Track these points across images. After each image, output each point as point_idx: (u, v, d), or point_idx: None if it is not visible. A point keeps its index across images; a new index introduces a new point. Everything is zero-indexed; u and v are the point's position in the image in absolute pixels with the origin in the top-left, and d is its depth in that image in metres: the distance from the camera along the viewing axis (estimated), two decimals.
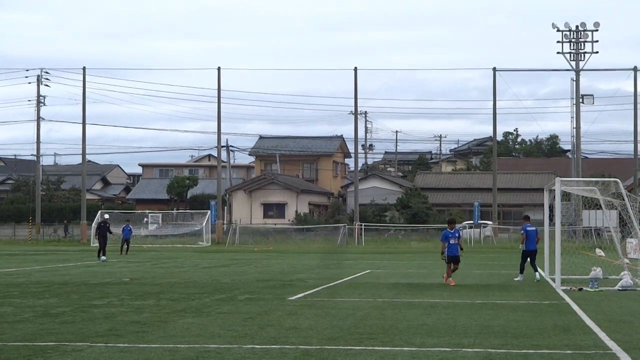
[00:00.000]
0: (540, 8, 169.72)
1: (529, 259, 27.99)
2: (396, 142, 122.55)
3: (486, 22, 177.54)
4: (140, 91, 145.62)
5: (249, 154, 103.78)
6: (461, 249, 26.44)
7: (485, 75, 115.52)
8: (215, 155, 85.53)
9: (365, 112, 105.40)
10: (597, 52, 73.22)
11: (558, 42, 73.41)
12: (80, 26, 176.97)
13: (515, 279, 27.93)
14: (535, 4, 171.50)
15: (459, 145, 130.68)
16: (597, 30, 73.24)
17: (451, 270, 26.21)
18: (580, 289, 24.16)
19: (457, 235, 26.34)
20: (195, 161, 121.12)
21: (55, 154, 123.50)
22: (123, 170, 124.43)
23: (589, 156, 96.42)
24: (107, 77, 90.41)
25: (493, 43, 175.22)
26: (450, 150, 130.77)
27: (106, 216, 49.22)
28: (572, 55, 73.57)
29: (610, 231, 33.89)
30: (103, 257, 41.90)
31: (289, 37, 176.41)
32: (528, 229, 28.01)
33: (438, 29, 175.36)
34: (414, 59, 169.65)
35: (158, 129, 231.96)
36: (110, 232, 45.36)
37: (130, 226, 53.10)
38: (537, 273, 27.99)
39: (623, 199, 26.31)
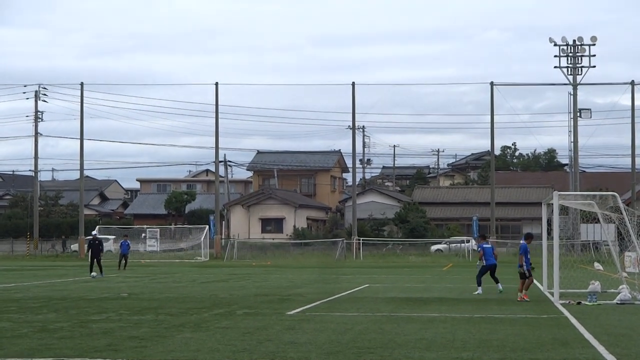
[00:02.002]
0: (535, 23, 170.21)
1: (489, 272, 29.02)
2: (394, 157, 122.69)
3: (482, 38, 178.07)
4: (137, 106, 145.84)
5: (247, 169, 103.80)
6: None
7: (482, 89, 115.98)
8: (213, 170, 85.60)
9: (363, 126, 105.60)
10: (594, 67, 73.42)
11: (555, 56, 73.58)
12: (77, 42, 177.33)
13: (475, 293, 28.59)
14: (531, 19, 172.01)
15: (457, 159, 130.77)
16: (594, 44, 73.44)
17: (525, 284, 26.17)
18: (579, 303, 24.15)
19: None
20: (193, 176, 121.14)
21: (53, 170, 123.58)
22: (121, 185, 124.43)
23: (586, 170, 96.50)
24: (104, 93, 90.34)
25: (489, 58, 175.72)
26: (448, 165, 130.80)
27: (94, 232, 47.30)
28: (569, 69, 73.72)
29: (608, 245, 33.89)
30: (93, 274, 40.68)
31: (286, 53, 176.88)
32: (485, 246, 29.30)
33: (435, 45, 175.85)
34: (411, 74, 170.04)
35: (155, 144, 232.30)
36: (102, 251, 43.07)
37: (128, 241, 53.01)
38: (499, 285, 29.07)
39: (621, 213, 26.32)
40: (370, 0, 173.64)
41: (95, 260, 41.25)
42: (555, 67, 73.70)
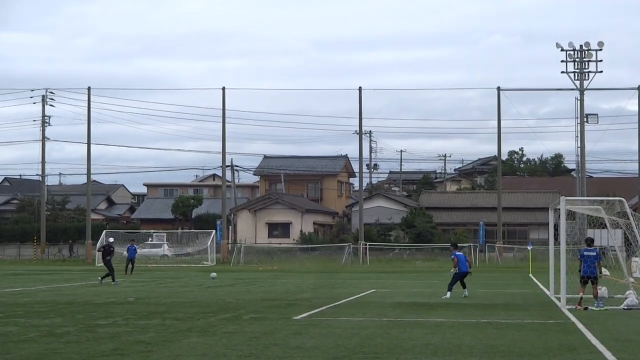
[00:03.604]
0: (540, 28, 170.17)
1: (459, 280, 30.17)
2: (400, 162, 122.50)
3: (487, 42, 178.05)
4: (143, 111, 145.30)
5: (254, 174, 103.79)
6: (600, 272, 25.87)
7: (488, 94, 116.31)
8: (220, 174, 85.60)
9: (370, 131, 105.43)
10: (601, 72, 73.29)
11: (562, 61, 73.51)
12: (82, 46, 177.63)
13: (443, 297, 29.09)
14: (536, 24, 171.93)
15: (464, 164, 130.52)
16: (600, 49, 73.36)
17: (583, 291, 25.35)
18: (586, 308, 24.13)
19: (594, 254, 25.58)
20: (200, 181, 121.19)
21: (60, 174, 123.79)
22: (128, 190, 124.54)
23: (593, 175, 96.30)
24: (111, 97, 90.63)
25: (495, 63, 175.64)
26: (455, 170, 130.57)
27: (111, 239, 46.37)
28: (575, 74, 73.64)
29: (615, 250, 33.88)
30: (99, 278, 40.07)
31: (292, 57, 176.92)
32: (457, 254, 30.65)
33: (440, 50, 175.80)
34: (416, 79, 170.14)
35: (162, 149, 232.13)
36: (110, 254, 42.23)
37: (135, 246, 53.04)
38: (465, 290, 30.03)
39: (628, 218, 26.30)
40: (375, 5, 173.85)
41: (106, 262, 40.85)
42: (562, 72, 73.61)
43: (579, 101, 74.02)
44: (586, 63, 73.52)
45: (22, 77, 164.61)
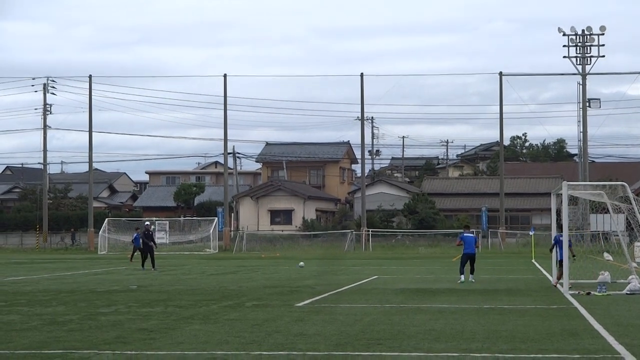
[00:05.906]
0: (539, 14, 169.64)
1: (469, 261, 29.86)
2: (403, 148, 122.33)
3: (487, 29, 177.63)
4: (145, 99, 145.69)
5: (256, 161, 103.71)
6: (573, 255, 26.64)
7: (489, 80, 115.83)
8: (222, 162, 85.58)
9: (372, 117, 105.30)
10: (603, 56, 73.11)
11: (564, 46, 73.33)
12: (83, 35, 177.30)
13: (458, 281, 29.31)
14: (535, 10, 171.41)
15: (466, 150, 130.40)
16: (602, 34, 73.18)
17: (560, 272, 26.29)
18: (588, 293, 24.12)
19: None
20: (202, 168, 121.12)
21: (62, 162, 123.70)
22: (130, 178, 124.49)
23: (596, 160, 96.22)
24: (112, 85, 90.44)
25: (495, 49, 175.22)
26: (457, 156, 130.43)
27: (147, 223, 45.65)
28: (577, 59, 73.47)
29: (618, 235, 33.84)
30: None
31: (294, 45, 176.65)
32: (464, 235, 30.45)
33: (441, 36, 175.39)
34: (418, 66, 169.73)
35: (164, 136, 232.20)
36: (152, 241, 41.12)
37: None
38: (471, 276, 29.94)
39: (630, 203, 26.25)
40: None
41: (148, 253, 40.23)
42: (564, 57, 73.40)
43: (581, 86, 73.90)
44: (588, 48, 73.35)
45: (22, 66, 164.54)
